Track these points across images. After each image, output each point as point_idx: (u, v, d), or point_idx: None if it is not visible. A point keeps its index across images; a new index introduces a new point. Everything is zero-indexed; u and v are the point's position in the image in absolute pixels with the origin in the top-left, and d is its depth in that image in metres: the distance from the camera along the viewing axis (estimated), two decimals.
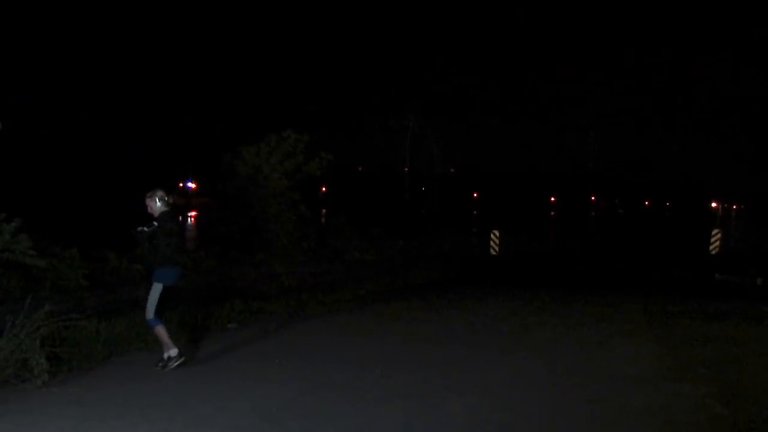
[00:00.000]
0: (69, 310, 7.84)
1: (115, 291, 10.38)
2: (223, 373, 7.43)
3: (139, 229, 7.40)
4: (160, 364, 7.43)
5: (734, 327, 10.54)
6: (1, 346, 6.69)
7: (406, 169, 35.19)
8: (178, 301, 9.34)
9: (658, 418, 6.07)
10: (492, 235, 26.83)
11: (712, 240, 27.52)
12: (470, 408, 6.29)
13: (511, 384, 7.19)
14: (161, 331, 7.43)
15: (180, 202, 7.85)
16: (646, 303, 13.38)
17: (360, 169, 64.50)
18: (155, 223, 7.45)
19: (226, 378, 7.19)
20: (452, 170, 37.19)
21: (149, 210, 7.54)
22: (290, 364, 7.83)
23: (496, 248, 26.49)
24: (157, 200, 7.51)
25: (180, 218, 7.78)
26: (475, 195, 74.48)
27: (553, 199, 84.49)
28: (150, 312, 7.39)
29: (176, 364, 7.41)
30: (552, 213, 77.52)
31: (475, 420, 5.97)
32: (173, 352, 7.45)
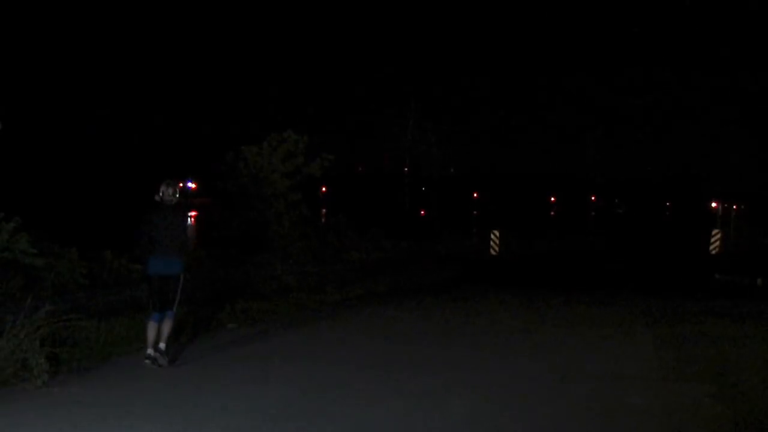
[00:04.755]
0: (69, 310, 7.82)
1: (115, 291, 10.37)
2: (223, 373, 7.42)
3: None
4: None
5: (734, 327, 10.53)
6: (1, 346, 6.68)
7: (406, 169, 35.20)
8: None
9: (658, 418, 6.07)
10: (492, 235, 26.86)
11: (712, 240, 27.56)
12: (470, 408, 6.29)
13: (511, 384, 7.19)
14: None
15: (180, 202, 7.76)
16: (646, 303, 13.39)
17: (360, 169, 64.50)
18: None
19: (225, 378, 7.18)
20: (452, 170, 37.22)
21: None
22: (290, 364, 7.83)
23: (496, 248, 26.52)
24: (162, 191, 7.50)
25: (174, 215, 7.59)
26: (475, 195, 74.39)
27: (552, 199, 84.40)
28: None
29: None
30: (552, 213, 77.45)
31: (475, 420, 5.96)
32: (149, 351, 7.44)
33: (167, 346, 7.56)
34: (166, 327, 7.50)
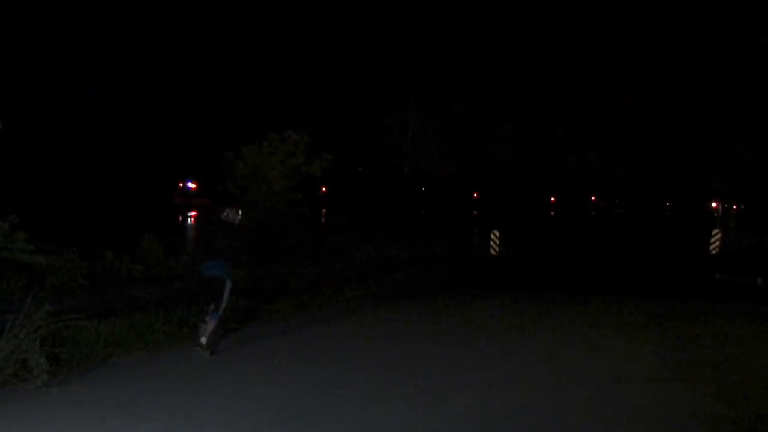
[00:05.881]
0: (69, 310, 7.83)
1: (115, 291, 10.37)
2: (224, 372, 7.43)
3: None
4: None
5: (734, 327, 10.53)
6: (1, 346, 6.69)
7: (406, 169, 35.20)
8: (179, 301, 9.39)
9: (658, 417, 6.07)
10: (492, 236, 26.82)
11: (712, 240, 27.51)
12: (470, 408, 6.29)
13: (511, 384, 7.19)
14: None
15: (180, 202, 8.22)
16: (646, 303, 13.38)
17: (360, 169, 64.55)
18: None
19: (226, 378, 7.19)
20: (452, 170, 37.24)
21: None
22: (290, 364, 7.84)
23: (496, 248, 26.48)
24: (227, 212, 9.09)
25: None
26: (475, 195, 74.46)
27: (552, 199, 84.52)
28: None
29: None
30: (552, 213, 77.54)
31: (475, 420, 5.97)
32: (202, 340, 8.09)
33: (208, 342, 8.11)
34: (210, 325, 8.18)
